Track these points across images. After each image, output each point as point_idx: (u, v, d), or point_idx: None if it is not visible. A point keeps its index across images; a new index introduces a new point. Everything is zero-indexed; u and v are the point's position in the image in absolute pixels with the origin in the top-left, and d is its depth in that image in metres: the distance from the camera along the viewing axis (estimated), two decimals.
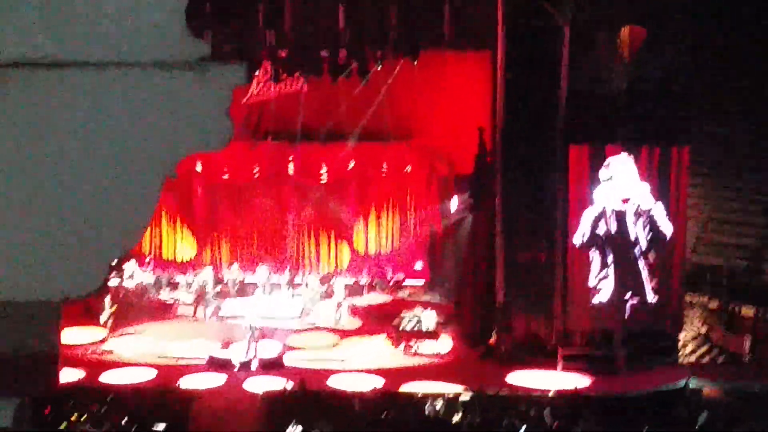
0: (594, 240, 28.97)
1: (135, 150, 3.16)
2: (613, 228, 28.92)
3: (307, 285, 34.77)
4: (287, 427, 22.83)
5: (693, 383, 27.43)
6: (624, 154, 28.80)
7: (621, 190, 28.84)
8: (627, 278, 29.07)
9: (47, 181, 3.15)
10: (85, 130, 3.14)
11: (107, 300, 31.07)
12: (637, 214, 28.98)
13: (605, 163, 28.76)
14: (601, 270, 29.04)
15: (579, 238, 28.89)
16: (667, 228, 29.12)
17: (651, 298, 29.22)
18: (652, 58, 29.44)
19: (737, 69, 34.54)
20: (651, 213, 29.03)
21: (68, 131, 3.14)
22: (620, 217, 28.95)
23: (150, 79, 3.16)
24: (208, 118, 3.17)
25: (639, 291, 29.16)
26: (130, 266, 34.63)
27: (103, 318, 30.76)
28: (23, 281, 3.17)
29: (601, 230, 28.92)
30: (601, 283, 29.04)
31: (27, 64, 3.12)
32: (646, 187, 28.96)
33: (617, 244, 29.00)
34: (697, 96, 31.76)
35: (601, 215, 28.89)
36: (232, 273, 35.44)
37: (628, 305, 29.10)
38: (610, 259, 29.00)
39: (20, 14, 3.15)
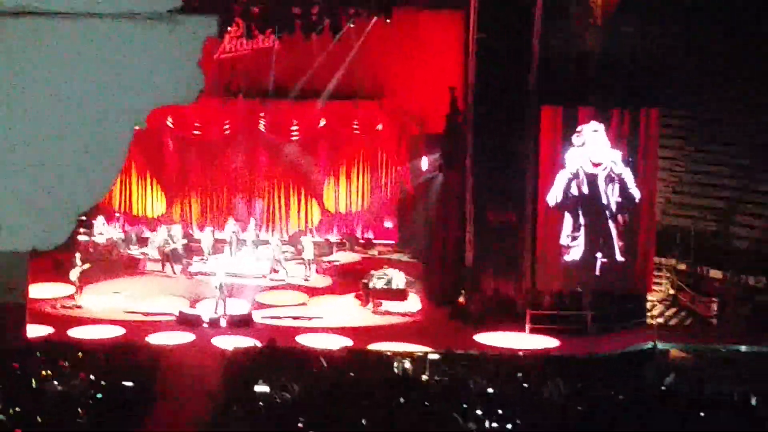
0: (567, 201, 29.07)
1: (105, 100, 3.13)
2: (585, 190, 29.03)
3: (277, 242, 34.70)
4: (255, 384, 22.83)
5: (660, 345, 27.60)
6: (595, 122, 28.88)
7: (593, 155, 28.94)
8: (597, 238, 29.21)
9: (16, 130, 3.11)
10: (55, 80, 3.11)
11: (77, 257, 30.87)
12: (609, 178, 29.06)
13: (578, 129, 28.82)
14: (573, 230, 29.15)
15: (552, 198, 28.97)
16: (635, 192, 29.24)
17: (619, 257, 29.36)
18: (624, 21, 29.47)
19: (709, 34, 34.60)
20: (622, 177, 29.12)
21: (38, 80, 3.11)
22: (592, 179, 29.05)
23: (121, 29, 3.13)
24: (178, 70, 3.15)
25: (608, 251, 29.32)
26: (99, 222, 34.53)
27: (73, 276, 30.53)
28: None
29: (573, 191, 29.02)
30: (573, 242, 29.15)
31: None
32: (617, 154, 29.04)
33: (588, 206, 29.11)
34: (669, 61, 31.83)
35: (574, 177, 28.97)
36: (206, 234, 35.17)
37: (598, 263, 29.24)
38: (581, 219, 29.11)
39: None
